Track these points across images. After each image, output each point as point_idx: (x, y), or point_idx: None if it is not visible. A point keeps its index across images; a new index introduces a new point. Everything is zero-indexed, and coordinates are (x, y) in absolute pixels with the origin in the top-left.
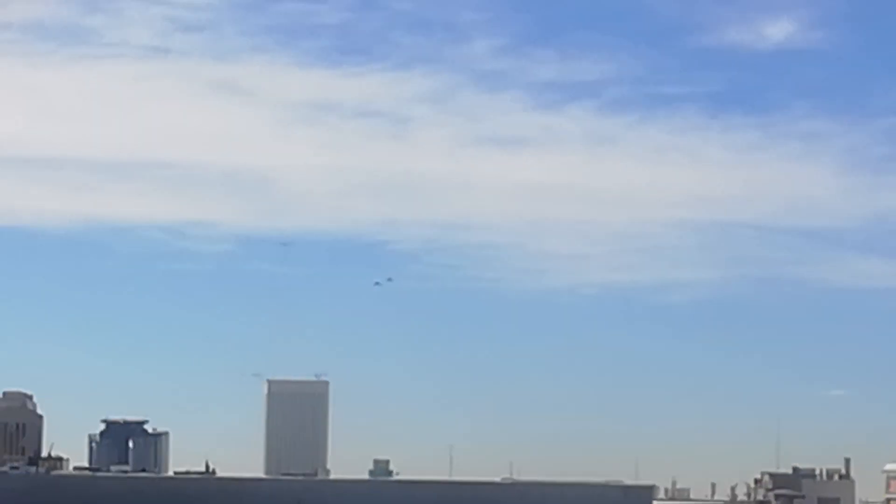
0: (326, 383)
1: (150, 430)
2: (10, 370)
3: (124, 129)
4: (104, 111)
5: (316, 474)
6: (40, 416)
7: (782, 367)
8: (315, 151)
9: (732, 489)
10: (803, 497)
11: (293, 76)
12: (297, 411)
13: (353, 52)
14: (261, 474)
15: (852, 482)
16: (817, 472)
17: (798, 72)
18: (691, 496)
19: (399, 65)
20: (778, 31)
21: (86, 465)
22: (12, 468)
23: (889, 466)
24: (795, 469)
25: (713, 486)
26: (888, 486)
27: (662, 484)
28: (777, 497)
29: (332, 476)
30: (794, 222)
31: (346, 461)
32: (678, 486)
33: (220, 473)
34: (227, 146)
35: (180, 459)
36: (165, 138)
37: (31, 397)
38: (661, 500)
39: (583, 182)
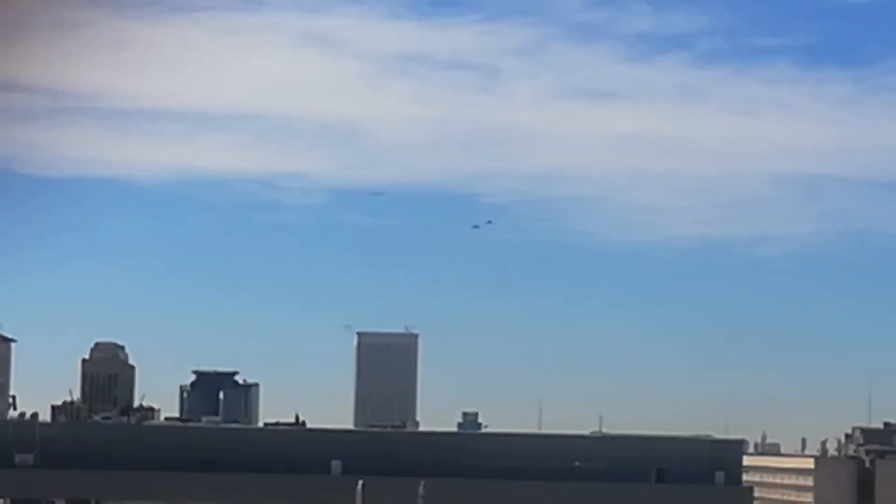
0: (416, 336)
1: (240, 382)
2: (102, 321)
3: (217, 82)
4: (197, 63)
5: (405, 426)
6: (132, 367)
7: (874, 320)
8: (406, 103)
9: (823, 444)
10: (894, 452)
11: (384, 28)
12: (386, 364)
13: (444, 4)
14: (350, 426)
15: None
16: None
17: (893, 24)
18: (781, 451)
19: (490, 16)
20: None
21: (177, 415)
22: (104, 418)
23: None
24: (887, 424)
25: (803, 440)
26: None
27: (752, 438)
28: (868, 452)
29: (421, 428)
30: (886, 176)
31: (434, 413)
32: (768, 440)
33: (309, 425)
34: (319, 98)
35: (270, 411)
36: (258, 90)
37: (122, 348)
38: (751, 454)
39: (674, 134)
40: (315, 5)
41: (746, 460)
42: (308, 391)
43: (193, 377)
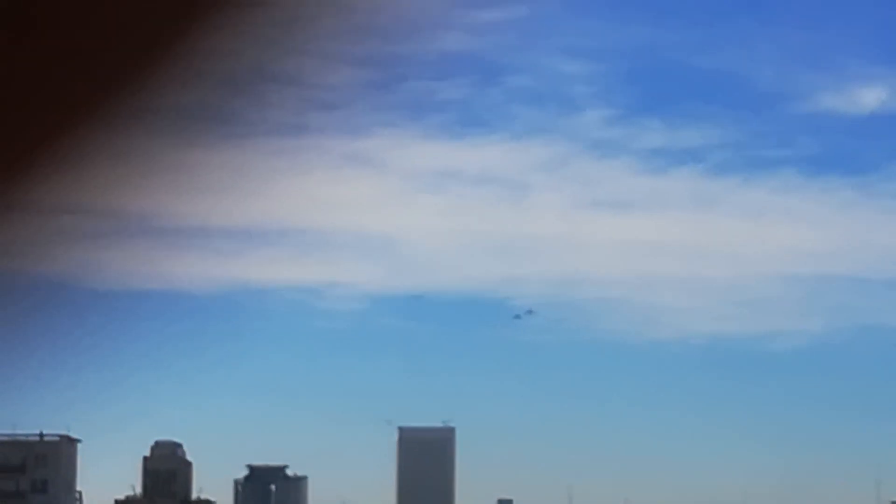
0: (453, 429)
1: (290, 475)
2: (163, 422)
3: (265, 200)
4: (246, 184)
5: None
6: (189, 463)
7: (883, 413)
8: (439, 216)
9: None
10: None
11: (419, 148)
12: (425, 455)
13: (473, 125)
14: None
15: None
16: None
17: (891, 135)
18: None
19: (517, 135)
20: (871, 96)
21: None
22: None
23: None
24: None
25: None
26: None
27: None
28: None
29: None
30: (890, 273)
31: (472, 501)
32: None
33: None
34: (359, 213)
35: (319, 500)
36: (303, 207)
37: (180, 445)
38: None
39: (689, 240)
40: (355, 128)
41: None
42: (353, 482)
43: (247, 471)
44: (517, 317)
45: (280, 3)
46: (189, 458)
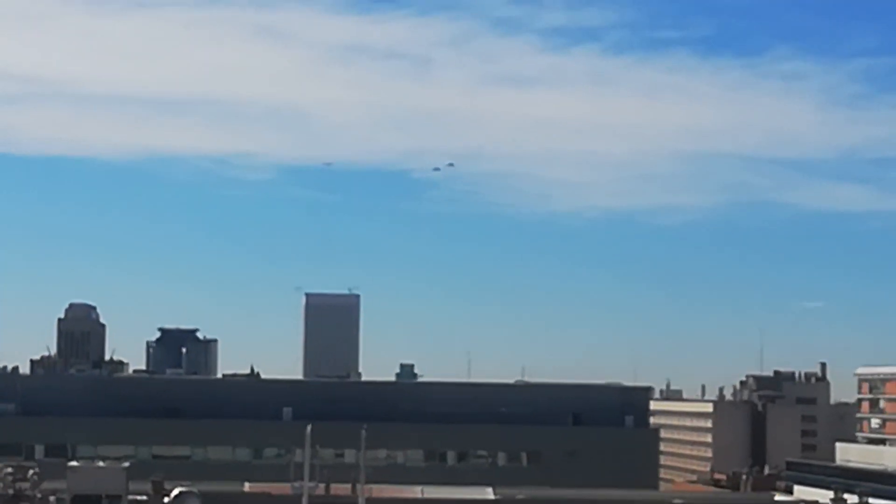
0: (358, 296)
1: (201, 338)
2: (77, 285)
3: (177, 70)
4: (159, 54)
5: (349, 377)
6: (103, 325)
7: (766, 281)
8: (346, 89)
9: (720, 390)
10: (783, 397)
11: (327, 22)
12: (331, 321)
13: (381, 1)
14: (300, 377)
15: (828, 384)
16: (796, 375)
17: (781, 17)
18: (684, 396)
19: (422, 11)
20: None
21: (144, 368)
22: (78, 371)
23: (860, 370)
24: (777, 372)
25: (703, 387)
26: (860, 387)
27: (658, 385)
28: (760, 397)
29: (363, 378)
30: (775, 153)
31: (375, 365)
32: (672, 387)
33: (263, 376)
34: (268, 85)
35: (228, 364)
36: (213, 78)
37: (94, 308)
38: (657, 399)
39: (586, 117)
40: (266, 1)
41: (653, 405)
42: (262, 346)
43: (159, 334)
44: (436, 169)
45: None
46: (103, 320)
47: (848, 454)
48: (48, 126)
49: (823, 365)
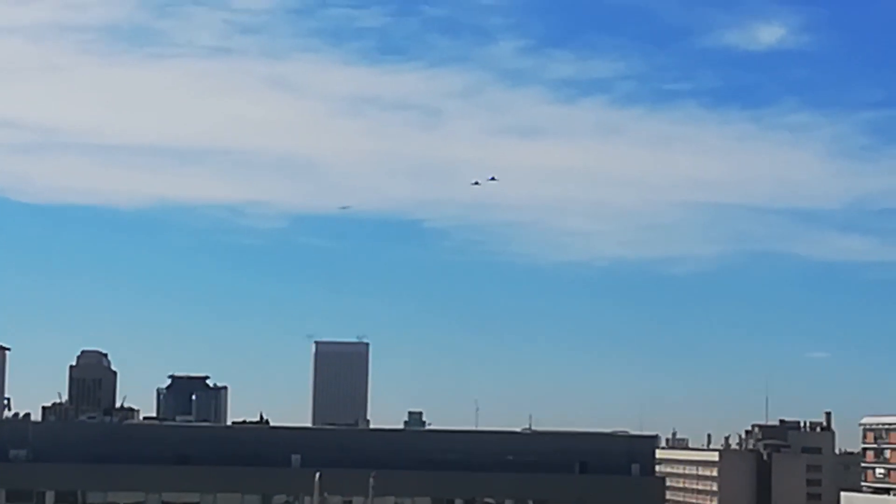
0: (367, 344)
1: (211, 385)
2: (89, 332)
3: (190, 120)
4: (173, 104)
5: (357, 424)
6: (114, 373)
7: (772, 331)
8: (358, 139)
9: (726, 439)
10: (789, 446)
11: (338, 73)
12: (341, 369)
13: (391, 52)
14: (308, 424)
15: (832, 434)
16: (802, 424)
17: (788, 70)
18: (689, 445)
19: (433, 63)
20: (770, 34)
21: (154, 415)
22: (90, 417)
23: (865, 420)
24: (782, 421)
25: (709, 436)
26: (864, 437)
27: (664, 434)
28: (766, 446)
29: (372, 426)
30: (783, 203)
31: (383, 413)
32: (678, 436)
33: (272, 423)
34: (281, 135)
35: (238, 411)
36: (226, 128)
37: (106, 356)
38: (663, 448)
39: (595, 167)
40: (277, 52)
41: (659, 453)
42: (271, 394)
43: (169, 381)
44: (475, 183)
45: None
46: (114, 367)
47: (853, 503)
48: (63, 175)
49: (828, 415)
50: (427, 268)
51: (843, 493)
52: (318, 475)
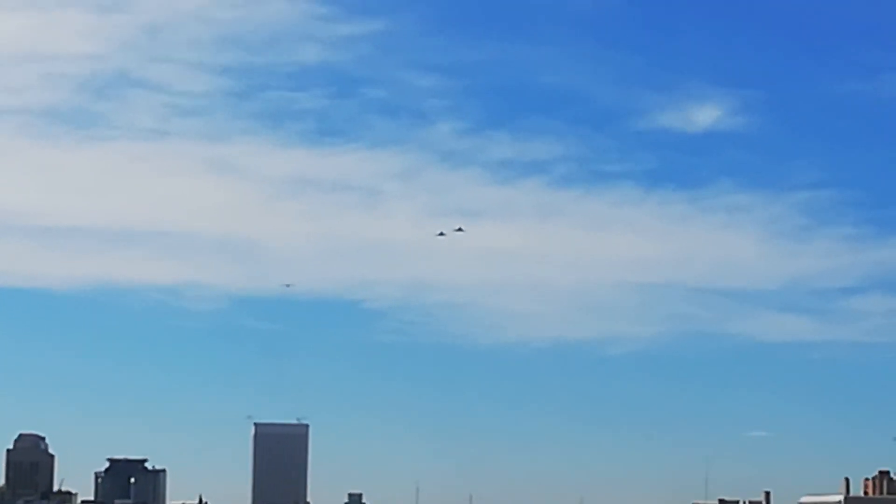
0: (307, 426)
1: (150, 468)
2: (26, 415)
3: (129, 202)
4: (110, 186)
5: None
6: (52, 456)
7: (711, 410)
8: (297, 221)
9: None
10: None
11: (278, 155)
12: (281, 450)
13: (331, 134)
14: None
15: None
16: (741, 503)
17: (724, 152)
18: None
19: (372, 145)
20: (705, 115)
21: (92, 499)
22: (27, 502)
23: (804, 499)
24: (721, 501)
25: None
26: None
27: None
28: None
29: None
30: (720, 283)
31: (323, 495)
32: None
33: None
34: (220, 216)
35: (177, 493)
36: (165, 209)
37: (43, 439)
38: None
39: (534, 248)
40: (216, 135)
41: None
42: (211, 476)
43: (107, 464)
44: (441, 234)
45: (143, 10)
46: (51, 450)
47: None
48: (0, 257)
49: (768, 493)
50: (366, 349)
51: None
52: None
